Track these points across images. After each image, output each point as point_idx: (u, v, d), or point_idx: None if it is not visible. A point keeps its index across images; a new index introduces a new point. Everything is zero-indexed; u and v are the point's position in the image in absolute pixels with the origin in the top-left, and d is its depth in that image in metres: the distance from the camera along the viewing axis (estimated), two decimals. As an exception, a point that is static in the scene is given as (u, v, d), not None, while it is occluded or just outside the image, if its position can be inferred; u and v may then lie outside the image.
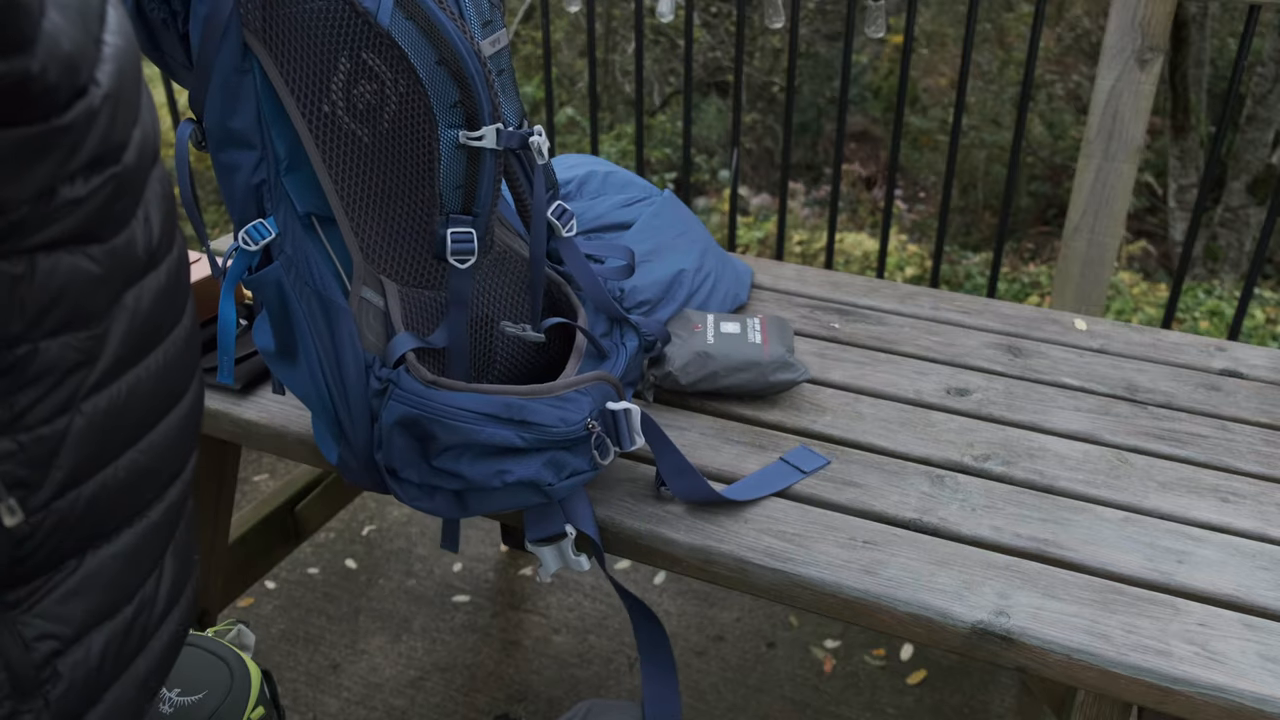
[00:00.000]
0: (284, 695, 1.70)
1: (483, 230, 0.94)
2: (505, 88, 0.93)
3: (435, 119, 0.88)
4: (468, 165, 0.91)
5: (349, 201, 0.92)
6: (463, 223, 0.93)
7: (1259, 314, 4.88)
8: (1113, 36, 1.63)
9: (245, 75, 0.87)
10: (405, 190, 0.92)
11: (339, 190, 0.91)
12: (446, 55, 0.86)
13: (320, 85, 0.87)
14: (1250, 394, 1.27)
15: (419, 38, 0.85)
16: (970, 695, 1.70)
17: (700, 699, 1.69)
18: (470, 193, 0.92)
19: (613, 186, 1.40)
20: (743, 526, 1.01)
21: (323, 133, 0.89)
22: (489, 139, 0.89)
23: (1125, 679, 0.86)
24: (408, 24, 0.84)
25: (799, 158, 6.78)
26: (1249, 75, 5.61)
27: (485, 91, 0.87)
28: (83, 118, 0.43)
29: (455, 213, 0.92)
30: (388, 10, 0.83)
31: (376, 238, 0.94)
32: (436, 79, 0.86)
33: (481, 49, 0.88)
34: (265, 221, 0.91)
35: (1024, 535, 1.01)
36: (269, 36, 0.85)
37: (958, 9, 6.72)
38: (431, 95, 0.87)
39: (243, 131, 0.89)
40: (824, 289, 1.52)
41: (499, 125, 0.89)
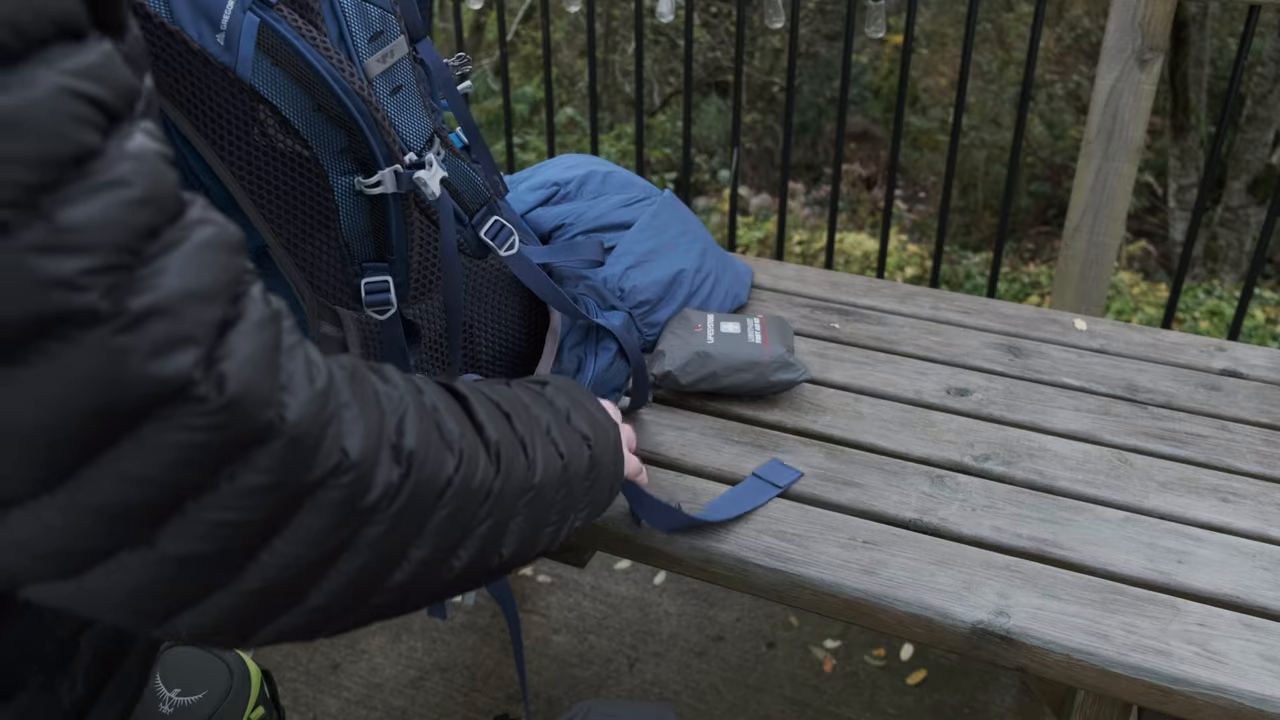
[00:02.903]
0: (284, 695, 1.70)
1: (402, 276, 0.86)
2: (406, 105, 0.84)
3: (324, 168, 0.80)
4: (371, 212, 0.83)
5: (286, 237, 0.86)
6: (377, 270, 0.85)
7: (1259, 314, 4.88)
8: (1113, 36, 1.63)
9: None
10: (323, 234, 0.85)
11: (273, 228, 0.85)
12: (323, 100, 0.76)
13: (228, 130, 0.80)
14: (1250, 394, 1.27)
15: (287, 85, 0.76)
16: (970, 695, 1.70)
17: (700, 699, 1.69)
18: (381, 239, 0.84)
19: (613, 186, 1.40)
20: (743, 526, 1.01)
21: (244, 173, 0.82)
22: (388, 183, 0.80)
23: (1125, 679, 0.86)
24: (274, 71, 0.75)
25: (799, 158, 6.78)
26: (1249, 75, 5.61)
27: (374, 133, 0.79)
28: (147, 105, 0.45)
29: (368, 261, 0.85)
30: (248, 61, 0.74)
31: (323, 268, 0.87)
32: (316, 126, 0.78)
33: (368, 70, 0.79)
34: None
35: (1024, 535, 1.01)
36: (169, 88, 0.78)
37: (958, 9, 6.71)
38: (314, 144, 0.79)
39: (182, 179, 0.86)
40: (824, 289, 1.53)
41: (396, 167, 0.80)
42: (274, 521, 0.45)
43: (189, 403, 0.40)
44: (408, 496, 0.50)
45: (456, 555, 0.56)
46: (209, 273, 0.42)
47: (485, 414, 0.59)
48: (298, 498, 0.45)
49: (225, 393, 0.41)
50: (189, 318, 0.40)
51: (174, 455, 0.41)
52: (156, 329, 0.39)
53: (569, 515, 0.67)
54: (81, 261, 0.37)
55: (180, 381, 0.40)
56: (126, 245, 0.39)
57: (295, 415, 0.44)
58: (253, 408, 0.42)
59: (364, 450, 0.48)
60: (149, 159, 0.41)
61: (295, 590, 0.48)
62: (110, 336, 0.38)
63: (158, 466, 0.41)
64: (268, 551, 0.46)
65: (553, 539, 0.66)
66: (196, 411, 0.40)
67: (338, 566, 0.49)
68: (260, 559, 0.45)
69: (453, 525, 0.54)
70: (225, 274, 0.43)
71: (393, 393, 0.52)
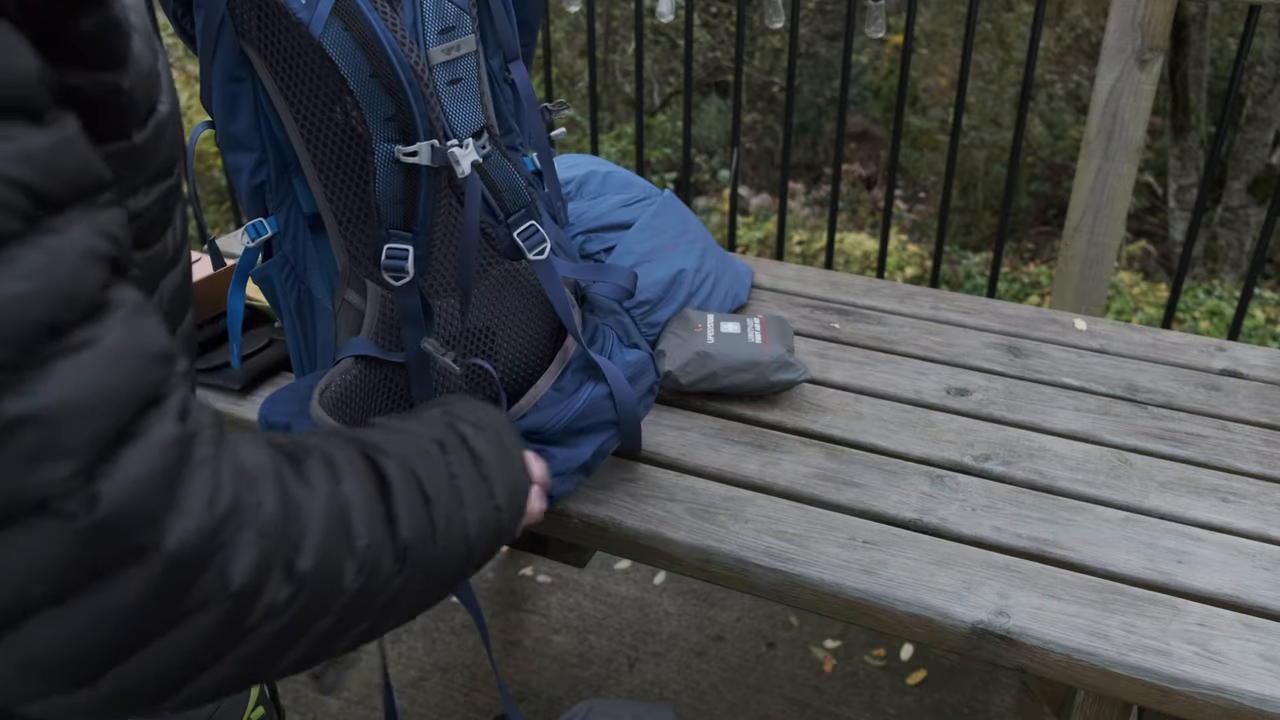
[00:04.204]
0: (284, 695, 1.70)
1: (423, 249, 0.90)
2: (462, 97, 0.89)
3: (370, 132, 0.85)
4: (405, 181, 0.87)
5: (337, 206, 0.91)
6: (400, 239, 0.89)
7: (1259, 314, 4.88)
8: (1113, 36, 1.63)
9: (243, 83, 0.87)
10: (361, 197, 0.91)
11: (328, 195, 0.91)
12: (379, 68, 0.82)
13: (311, 96, 0.86)
14: (1250, 394, 1.27)
15: (354, 49, 0.82)
16: (970, 695, 1.70)
17: (700, 699, 1.69)
18: (409, 209, 0.89)
19: (613, 186, 1.40)
20: (743, 526, 1.01)
21: (314, 141, 0.88)
22: (423, 155, 0.85)
23: (1125, 679, 0.86)
24: (344, 35, 0.81)
25: (799, 158, 6.78)
26: (1249, 75, 5.61)
27: (419, 106, 0.84)
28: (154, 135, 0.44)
29: (394, 228, 0.89)
30: (321, 20, 0.81)
31: (362, 242, 0.93)
32: (370, 92, 0.83)
33: (430, 57, 0.85)
34: (265, 220, 0.93)
35: (1024, 535, 1.01)
36: (265, 47, 0.85)
37: (958, 9, 6.72)
38: (365, 108, 0.84)
39: (242, 135, 0.90)
40: (824, 289, 1.52)
41: (434, 141, 0.85)
42: (140, 639, 0.43)
43: (54, 517, 0.38)
44: (294, 614, 0.48)
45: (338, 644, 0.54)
46: (108, 382, 0.40)
47: (404, 504, 0.56)
48: (167, 622, 0.43)
49: (94, 514, 0.39)
50: (70, 430, 0.38)
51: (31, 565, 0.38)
52: (29, 437, 0.37)
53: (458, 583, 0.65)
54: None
55: (45, 495, 0.38)
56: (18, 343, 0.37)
57: (175, 543, 0.41)
58: (127, 531, 0.40)
59: (248, 579, 0.45)
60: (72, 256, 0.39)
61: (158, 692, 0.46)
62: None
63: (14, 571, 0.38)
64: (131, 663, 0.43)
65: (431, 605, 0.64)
66: (60, 528, 0.38)
67: (207, 675, 0.47)
68: (120, 669, 0.43)
69: (342, 625, 0.52)
70: (129, 386, 0.40)
71: (305, 500, 0.50)
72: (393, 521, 0.55)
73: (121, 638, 0.42)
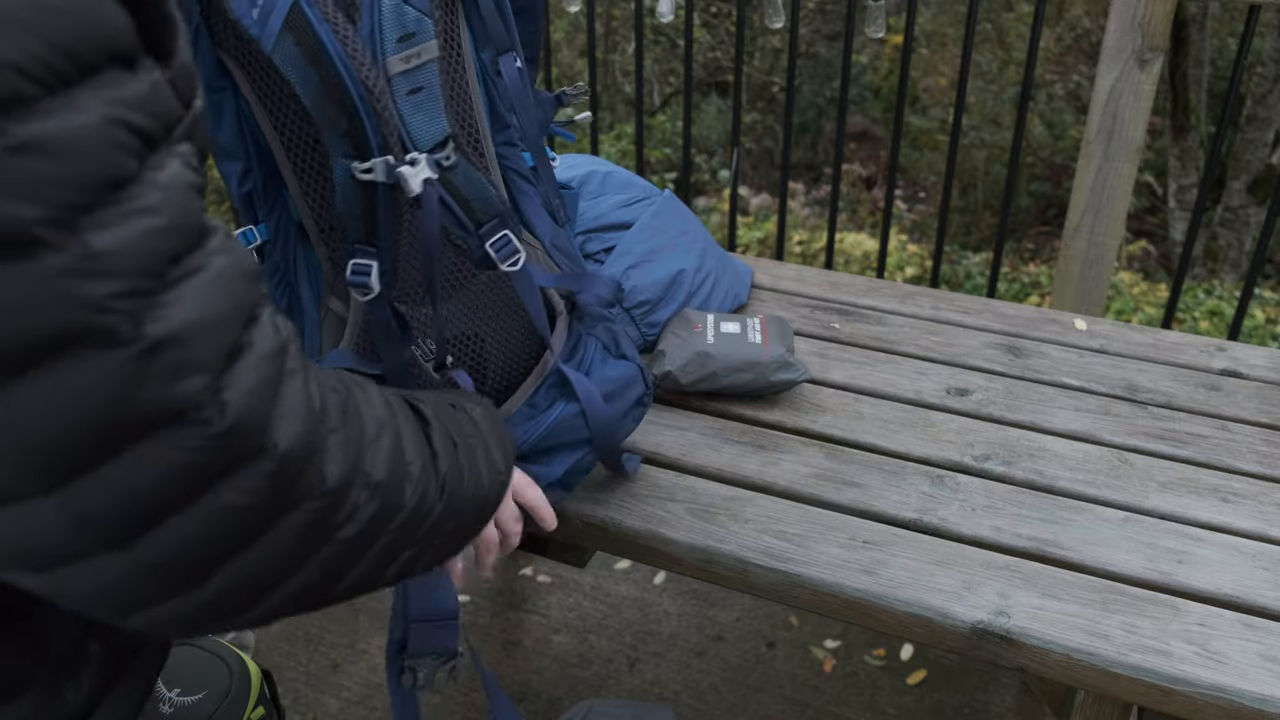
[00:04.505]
0: (284, 695, 1.70)
1: (388, 263, 0.88)
2: (423, 106, 0.87)
3: (326, 148, 0.84)
4: (363, 197, 0.85)
5: (317, 214, 0.90)
6: (365, 254, 0.88)
7: (1259, 314, 4.89)
8: (1113, 36, 1.63)
9: (224, 92, 0.86)
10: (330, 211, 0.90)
11: (308, 203, 0.89)
12: (330, 83, 0.80)
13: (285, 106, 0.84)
14: (1250, 394, 1.27)
15: (304, 65, 0.80)
16: (970, 695, 1.70)
17: (700, 699, 1.69)
18: (370, 224, 0.87)
19: (613, 186, 1.40)
20: (743, 527, 1.01)
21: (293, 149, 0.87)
22: (379, 172, 0.83)
23: (1125, 679, 0.86)
24: (295, 50, 0.79)
25: (799, 158, 6.78)
26: (1249, 75, 5.61)
27: (371, 121, 0.81)
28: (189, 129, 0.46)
29: (359, 242, 0.88)
30: (272, 36, 0.79)
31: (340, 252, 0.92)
32: (322, 106, 0.81)
33: (389, 67, 0.82)
34: (255, 228, 0.92)
35: (1024, 535, 1.01)
36: (240, 57, 0.83)
37: (958, 9, 6.72)
38: (319, 124, 0.82)
39: (228, 144, 0.89)
40: (824, 289, 1.52)
41: (389, 157, 0.83)
42: (244, 539, 0.47)
43: (192, 425, 0.42)
44: (367, 520, 0.52)
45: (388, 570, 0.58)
46: (223, 302, 0.44)
47: (440, 442, 0.62)
48: (271, 519, 0.47)
49: (226, 419, 0.43)
50: (201, 346, 0.42)
51: (168, 473, 0.42)
52: (170, 355, 0.41)
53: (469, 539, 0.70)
54: (109, 285, 0.39)
55: (185, 406, 0.41)
56: (150, 271, 0.40)
57: (286, 444, 0.46)
58: (250, 434, 0.44)
59: (340, 479, 0.50)
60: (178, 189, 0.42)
61: (247, 601, 0.49)
62: (126, 359, 0.40)
63: (150, 481, 0.42)
64: (233, 563, 0.47)
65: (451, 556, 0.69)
66: (197, 435, 0.42)
67: (290, 581, 0.50)
68: (225, 570, 0.47)
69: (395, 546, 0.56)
70: (238, 303, 0.45)
71: (375, 415, 0.55)
72: (435, 456, 0.61)
73: (235, 535, 0.46)
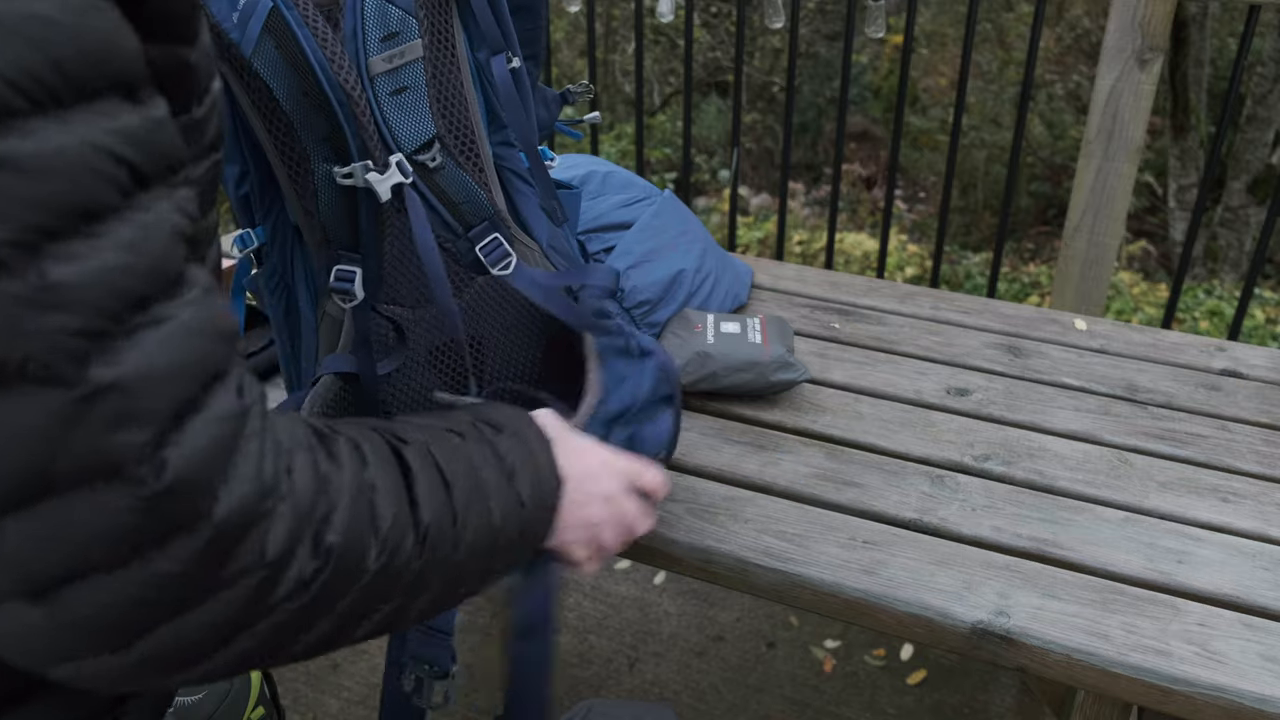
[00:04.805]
0: (284, 695, 1.70)
1: (372, 270, 0.88)
2: (407, 107, 0.85)
3: (308, 153, 0.83)
4: (345, 201, 0.85)
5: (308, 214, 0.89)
6: (349, 260, 0.87)
7: (1259, 314, 4.89)
8: (1113, 36, 1.63)
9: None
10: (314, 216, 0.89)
11: (303, 206, 0.88)
12: (309, 87, 0.79)
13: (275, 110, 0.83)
14: (1250, 394, 1.27)
15: (284, 69, 0.79)
16: (970, 695, 1.70)
17: (700, 699, 1.69)
18: (353, 229, 0.86)
19: (613, 186, 1.40)
20: (743, 526, 1.01)
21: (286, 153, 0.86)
22: (358, 177, 0.82)
23: (1125, 679, 0.86)
24: (275, 54, 0.78)
25: (799, 158, 6.78)
26: (1249, 75, 5.61)
27: (351, 126, 0.80)
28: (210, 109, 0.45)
29: (342, 248, 0.87)
30: (252, 41, 0.78)
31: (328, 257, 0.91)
32: (302, 111, 0.81)
33: (371, 67, 0.81)
34: (252, 231, 0.92)
35: (1024, 535, 1.01)
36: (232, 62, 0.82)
37: (958, 9, 6.72)
38: (300, 128, 0.82)
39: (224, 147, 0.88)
40: (824, 289, 1.52)
41: (369, 162, 0.82)
42: (175, 607, 0.45)
43: (126, 483, 0.40)
44: (319, 588, 0.50)
45: (360, 625, 0.55)
46: (183, 356, 0.42)
47: (425, 490, 0.58)
48: (206, 590, 0.45)
49: (163, 480, 0.41)
50: (147, 399, 0.40)
51: (95, 529, 0.40)
52: (112, 404, 0.39)
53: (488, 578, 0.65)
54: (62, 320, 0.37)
55: (122, 460, 0.40)
56: (109, 312, 0.39)
57: (224, 512, 0.44)
58: (186, 499, 0.42)
59: (282, 550, 0.47)
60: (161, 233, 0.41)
61: (185, 662, 0.47)
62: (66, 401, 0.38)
63: (72, 534, 0.40)
64: (164, 629, 0.45)
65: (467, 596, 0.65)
66: (131, 493, 0.40)
67: (233, 645, 0.48)
68: (154, 635, 0.45)
69: (363, 604, 0.54)
70: (201, 360, 0.43)
71: (334, 476, 0.51)
72: (414, 505, 0.56)
73: (162, 603, 0.44)
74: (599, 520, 0.74)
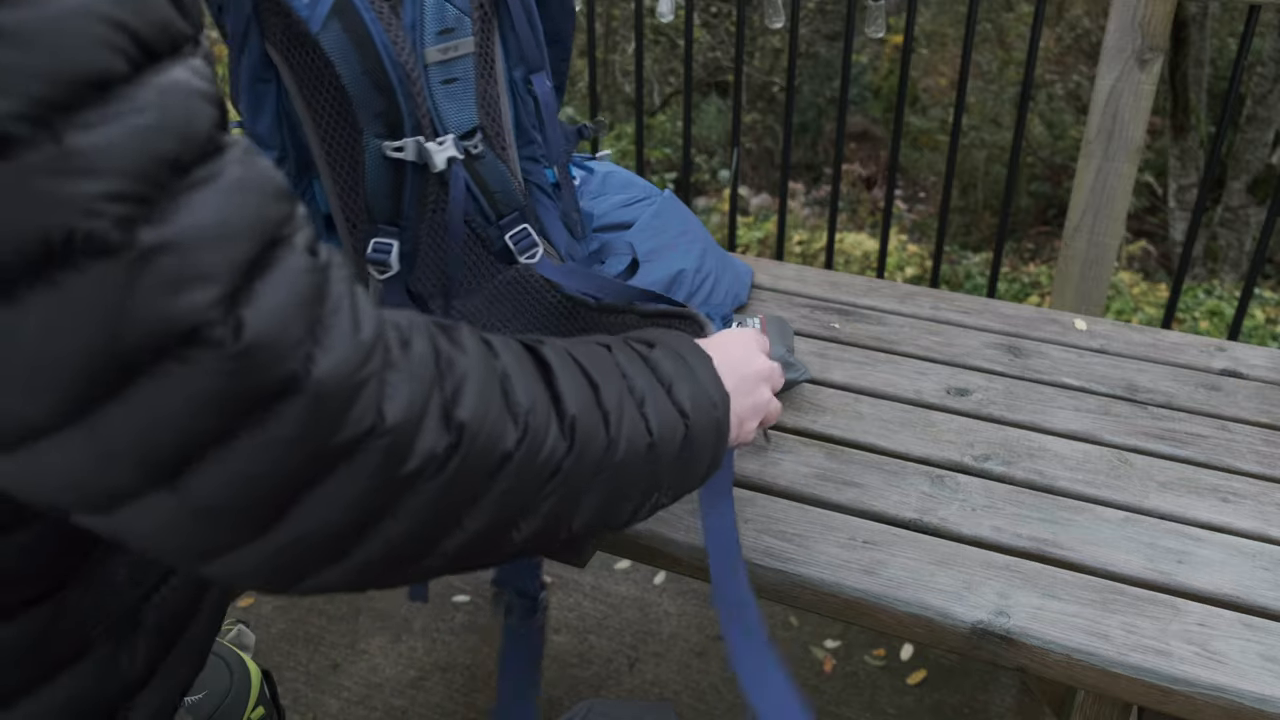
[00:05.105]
0: (284, 695, 1.70)
1: (409, 245, 0.92)
2: (456, 96, 0.91)
3: (361, 127, 0.88)
4: (392, 176, 0.90)
5: (347, 206, 0.93)
6: (387, 233, 0.92)
7: (1259, 314, 4.89)
8: (1113, 36, 1.63)
9: (268, 84, 0.90)
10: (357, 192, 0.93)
11: (339, 194, 0.92)
12: (371, 65, 0.85)
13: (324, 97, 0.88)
14: (1250, 394, 1.27)
15: (348, 47, 0.84)
16: (970, 695, 1.70)
17: (700, 699, 1.69)
18: (396, 204, 0.91)
19: (613, 186, 1.40)
20: (743, 527, 1.01)
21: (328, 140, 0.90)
22: (409, 150, 0.88)
23: (1125, 679, 0.86)
24: (341, 33, 0.84)
25: (799, 158, 6.78)
26: (1249, 75, 5.61)
27: (407, 103, 0.86)
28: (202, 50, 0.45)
29: (383, 222, 0.92)
30: (320, 19, 0.84)
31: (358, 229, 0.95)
32: (361, 87, 0.86)
33: (426, 56, 0.87)
34: None
35: (1024, 535, 1.01)
36: (286, 50, 0.87)
37: (958, 9, 6.72)
38: (356, 104, 0.87)
39: (264, 134, 0.92)
40: (824, 289, 1.52)
41: (420, 137, 0.88)
42: (303, 478, 0.44)
43: (204, 346, 0.39)
44: (456, 468, 0.48)
45: (517, 527, 0.54)
46: (235, 213, 0.41)
47: (568, 385, 0.56)
48: (327, 457, 0.44)
49: (241, 339, 0.40)
50: (205, 256, 0.39)
51: (190, 398, 0.40)
52: (167, 264, 0.38)
53: (653, 494, 0.63)
54: (94, 185, 0.37)
55: (192, 321, 0.39)
56: (146, 175, 0.38)
57: (323, 372, 0.42)
58: (271, 359, 0.41)
59: (405, 416, 0.45)
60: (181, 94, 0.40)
61: (333, 549, 0.47)
62: (119, 269, 0.37)
63: (174, 408, 0.40)
64: (300, 509, 0.44)
65: (634, 514, 0.63)
66: (212, 356, 0.39)
67: (379, 530, 0.47)
68: (291, 516, 0.44)
69: (513, 499, 0.52)
70: (255, 217, 0.42)
71: (459, 358, 0.50)
72: (557, 399, 0.55)
73: (284, 476, 0.43)
74: (764, 400, 0.77)
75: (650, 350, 0.66)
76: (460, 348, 0.51)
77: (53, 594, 0.53)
